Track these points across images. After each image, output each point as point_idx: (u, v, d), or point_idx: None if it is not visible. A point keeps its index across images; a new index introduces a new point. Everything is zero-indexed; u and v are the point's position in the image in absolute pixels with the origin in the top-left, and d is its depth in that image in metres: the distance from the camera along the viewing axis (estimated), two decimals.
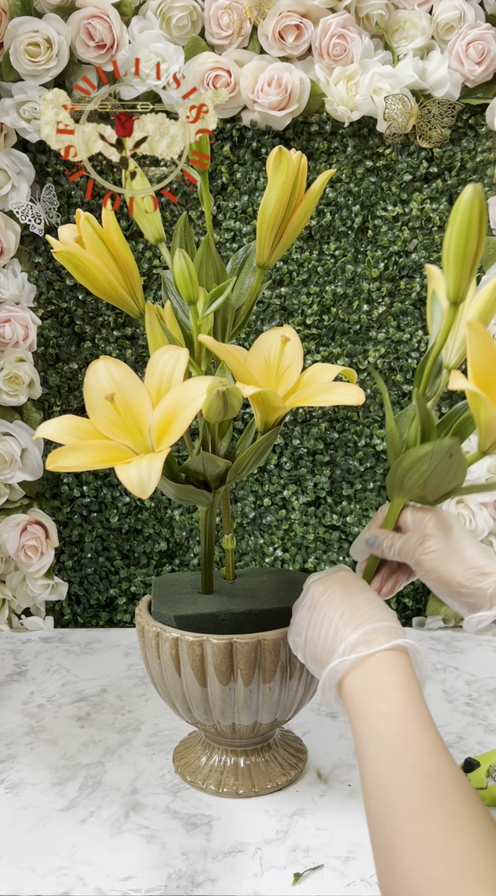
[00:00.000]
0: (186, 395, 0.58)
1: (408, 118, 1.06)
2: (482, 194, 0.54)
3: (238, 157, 1.10)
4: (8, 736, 0.85)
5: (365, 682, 0.51)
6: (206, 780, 0.74)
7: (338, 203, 1.11)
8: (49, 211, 1.08)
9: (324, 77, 1.06)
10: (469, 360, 0.54)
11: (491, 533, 1.12)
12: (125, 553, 1.17)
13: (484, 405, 0.54)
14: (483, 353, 0.53)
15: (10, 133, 1.07)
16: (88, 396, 0.61)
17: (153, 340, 0.67)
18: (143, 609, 0.74)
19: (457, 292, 0.57)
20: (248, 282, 0.73)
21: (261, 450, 0.65)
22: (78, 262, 0.65)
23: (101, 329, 1.14)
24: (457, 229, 0.55)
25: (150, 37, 1.05)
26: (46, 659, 1.05)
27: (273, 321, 1.13)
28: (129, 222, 1.11)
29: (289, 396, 0.63)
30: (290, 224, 0.67)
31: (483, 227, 0.54)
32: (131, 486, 0.52)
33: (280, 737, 0.79)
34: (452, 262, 0.56)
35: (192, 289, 0.62)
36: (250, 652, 0.66)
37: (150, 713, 0.89)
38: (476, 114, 1.09)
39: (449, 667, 1.01)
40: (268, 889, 0.61)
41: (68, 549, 1.17)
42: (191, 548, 1.17)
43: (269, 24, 1.04)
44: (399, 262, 1.12)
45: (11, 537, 1.10)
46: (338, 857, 0.64)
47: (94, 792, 0.74)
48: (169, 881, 0.61)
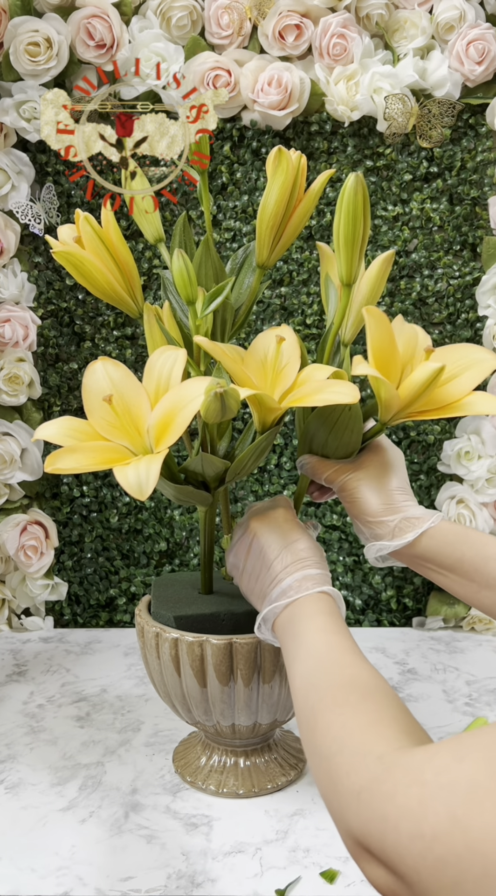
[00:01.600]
0: (184, 395, 0.57)
1: (409, 118, 1.06)
2: (363, 182, 0.58)
3: (238, 157, 1.10)
4: (8, 736, 0.85)
5: (295, 612, 0.57)
6: (206, 781, 0.74)
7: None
8: (49, 211, 1.08)
9: (324, 77, 1.06)
10: (369, 344, 0.58)
11: (491, 533, 1.11)
12: (125, 553, 1.17)
13: (384, 386, 0.58)
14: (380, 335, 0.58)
15: (10, 133, 1.07)
16: (87, 397, 0.61)
17: (152, 341, 0.67)
18: (142, 609, 0.74)
19: (349, 275, 0.61)
20: (247, 282, 0.73)
21: (260, 450, 0.65)
22: (77, 263, 0.65)
23: (101, 329, 1.14)
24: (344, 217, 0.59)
25: (149, 36, 1.05)
26: (46, 659, 1.05)
27: (273, 321, 1.13)
28: (128, 222, 1.11)
29: (285, 396, 0.63)
30: (290, 224, 0.67)
31: (367, 212, 0.58)
32: (129, 487, 0.52)
33: (280, 737, 0.79)
34: (342, 248, 0.60)
35: (191, 289, 0.62)
36: (250, 652, 0.66)
37: (150, 713, 0.89)
38: (476, 113, 1.09)
39: (449, 667, 1.01)
40: (268, 889, 0.61)
41: (68, 549, 1.17)
42: (191, 548, 1.17)
43: (269, 24, 1.04)
44: (399, 262, 1.12)
45: (11, 537, 1.10)
46: (338, 857, 0.64)
47: (93, 792, 0.74)
48: (169, 881, 0.61)
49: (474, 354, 0.62)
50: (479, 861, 0.31)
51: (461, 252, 1.12)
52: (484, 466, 1.09)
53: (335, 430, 0.64)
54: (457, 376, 0.61)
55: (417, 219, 1.11)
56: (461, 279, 1.11)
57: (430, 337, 1.11)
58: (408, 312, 1.12)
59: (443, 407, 0.61)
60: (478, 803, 0.32)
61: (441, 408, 0.61)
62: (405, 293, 1.12)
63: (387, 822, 0.35)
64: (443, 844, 0.32)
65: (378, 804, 0.37)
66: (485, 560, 0.60)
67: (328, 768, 0.42)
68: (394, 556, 0.65)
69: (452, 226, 1.11)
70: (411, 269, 1.12)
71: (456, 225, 1.10)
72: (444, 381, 0.61)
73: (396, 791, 0.36)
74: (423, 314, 1.13)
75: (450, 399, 0.61)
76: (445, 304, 1.12)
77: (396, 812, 0.35)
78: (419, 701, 0.91)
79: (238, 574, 0.65)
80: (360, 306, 0.65)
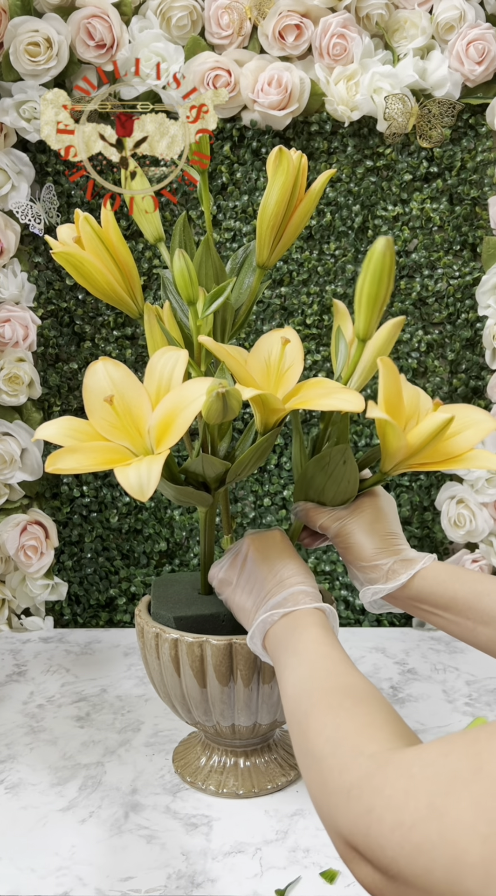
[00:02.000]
0: (186, 396, 0.57)
1: (409, 118, 1.06)
2: (392, 247, 0.59)
3: (238, 157, 1.10)
4: (8, 736, 0.85)
5: (289, 624, 0.58)
6: (206, 781, 0.74)
7: (338, 203, 1.11)
8: (49, 211, 1.08)
9: (324, 77, 1.06)
10: (380, 392, 0.60)
11: (491, 533, 1.12)
12: (125, 553, 1.17)
13: (393, 432, 0.59)
14: (392, 385, 0.60)
15: (10, 133, 1.07)
16: (87, 398, 0.61)
17: (152, 341, 0.67)
18: (142, 610, 0.74)
19: (367, 331, 0.62)
20: (247, 282, 0.73)
21: (261, 451, 0.65)
22: (77, 263, 0.65)
23: (101, 329, 1.14)
24: (369, 277, 0.60)
25: (150, 36, 1.05)
26: (46, 659, 1.05)
27: (273, 321, 1.13)
28: (128, 222, 1.10)
29: (289, 398, 0.63)
30: (291, 224, 0.67)
31: (392, 274, 0.60)
32: (130, 488, 0.52)
33: (280, 737, 0.79)
34: (364, 306, 0.61)
35: (192, 289, 0.62)
36: (250, 653, 0.66)
37: (150, 713, 0.89)
38: (476, 113, 1.09)
39: (449, 667, 1.01)
40: (268, 889, 0.61)
41: (68, 549, 1.17)
42: (191, 548, 1.17)
43: (269, 24, 1.04)
44: (399, 262, 1.12)
45: (11, 537, 1.10)
46: (337, 857, 0.64)
47: (93, 792, 0.74)
48: (169, 881, 0.61)
49: (474, 415, 0.65)
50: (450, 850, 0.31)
51: (461, 252, 1.12)
52: None
53: (333, 478, 0.65)
54: (459, 433, 0.64)
55: (417, 219, 1.11)
56: (461, 279, 1.11)
57: (430, 336, 1.11)
58: (408, 312, 1.12)
59: (445, 460, 0.63)
60: (456, 794, 0.32)
61: (442, 461, 0.63)
62: (405, 293, 1.12)
63: (373, 813, 0.36)
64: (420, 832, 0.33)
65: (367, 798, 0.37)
66: (477, 596, 0.61)
67: (320, 769, 0.43)
68: (390, 601, 0.66)
69: (452, 226, 1.11)
70: (411, 269, 1.12)
71: (456, 225, 1.10)
72: (448, 436, 0.63)
73: (385, 784, 0.37)
74: (423, 314, 1.13)
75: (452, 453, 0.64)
76: (445, 304, 1.12)
77: (382, 803, 0.36)
78: (419, 701, 0.91)
79: (230, 589, 0.66)
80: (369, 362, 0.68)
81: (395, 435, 0.59)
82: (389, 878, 0.36)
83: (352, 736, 0.43)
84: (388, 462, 0.63)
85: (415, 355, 1.13)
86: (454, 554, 1.15)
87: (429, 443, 0.60)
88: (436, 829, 0.32)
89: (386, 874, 0.36)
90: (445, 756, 0.34)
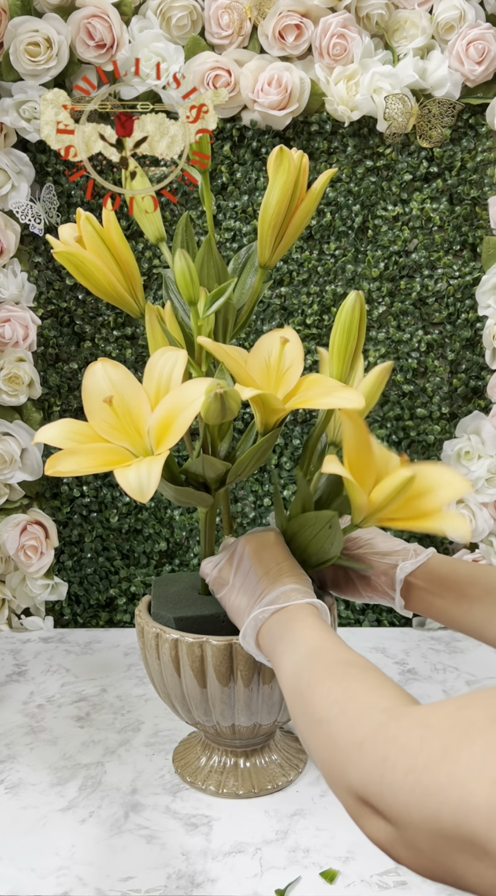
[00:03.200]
0: (185, 397, 0.57)
1: (409, 118, 1.06)
2: (362, 301, 0.62)
3: (238, 157, 1.10)
4: (8, 736, 0.85)
5: (283, 617, 0.59)
6: (206, 781, 0.74)
7: (338, 203, 1.11)
8: (49, 211, 1.08)
9: (324, 77, 1.06)
10: (344, 447, 0.60)
11: (491, 533, 1.12)
12: (125, 553, 1.17)
13: (354, 490, 0.59)
14: (356, 440, 0.59)
15: (10, 133, 1.07)
16: (87, 399, 0.61)
17: (153, 341, 0.67)
18: (142, 610, 0.74)
19: (340, 378, 0.64)
20: (249, 282, 0.73)
21: (261, 451, 0.65)
22: (78, 262, 0.65)
23: (101, 329, 1.14)
24: (339, 329, 0.63)
25: (149, 36, 1.05)
26: (46, 659, 1.05)
27: (273, 321, 1.13)
28: (129, 222, 1.10)
29: (289, 398, 0.63)
30: (292, 224, 0.67)
31: (362, 326, 0.63)
32: (130, 489, 0.52)
33: (280, 737, 0.79)
34: (336, 356, 0.64)
35: (193, 289, 0.62)
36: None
37: (150, 713, 0.89)
38: (476, 113, 1.09)
39: (449, 667, 1.01)
40: (268, 889, 0.61)
41: (68, 549, 1.17)
42: (191, 548, 1.17)
43: (269, 24, 1.04)
44: (399, 262, 1.12)
45: (11, 537, 1.10)
46: (338, 857, 0.64)
47: (93, 792, 0.74)
48: (169, 881, 0.62)
49: (446, 476, 0.64)
50: (458, 790, 0.32)
51: (461, 252, 1.12)
52: (484, 466, 1.09)
53: (317, 538, 0.66)
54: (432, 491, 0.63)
55: (417, 219, 1.11)
56: (461, 279, 1.11)
57: (430, 336, 1.11)
58: (408, 312, 1.12)
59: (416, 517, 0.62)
60: (471, 739, 0.33)
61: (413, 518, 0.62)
62: (405, 293, 1.12)
63: (387, 761, 0.37)
64: (431, 774, 0.34)
65: (380, 747, 0.38)
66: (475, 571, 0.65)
67: (328, 731, 0.44)
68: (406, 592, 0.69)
69: (452, 226, 1.11)
70: (411, 269, 1.12)
71: (456, 225, 1.10)
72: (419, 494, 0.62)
73: (400, 733, 0.38)
74: (423, 314, 1.13)
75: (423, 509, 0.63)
76: (445, 304, 1.12)
77: (397, 750, 0.37)
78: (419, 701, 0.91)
79: (226, 589, 0.66)
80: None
81: (355, 491, 0.60)
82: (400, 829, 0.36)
83: (362, 694, 0.44)
84: (357, 516, 0.64)
85: (415, 355, 1.13)
86: (454, 554, 1.15)
87: (393, 499, 0.60)
88: (447, 772, 0.33)
89: (397, 824, 0.36)
90: (463, 709, 0.35)
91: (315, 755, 0.45)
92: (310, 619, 0.57)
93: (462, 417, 1.13)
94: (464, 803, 0.32)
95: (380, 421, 1.14)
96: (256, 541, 0.66)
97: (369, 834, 0.39)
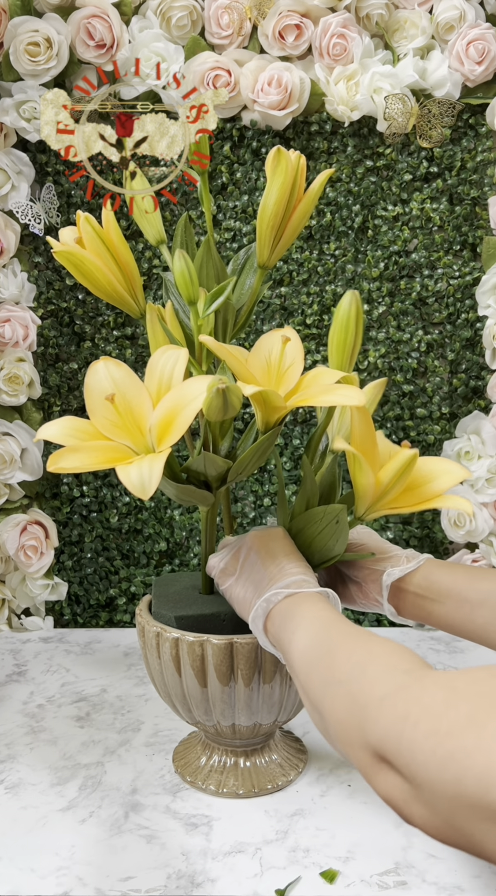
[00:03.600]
0: (186, 394, 0.57)
1: (409, 118, 1.06)
2: (358, 300, 0.64)
3: (238, 157, 1.10)
4: (8, 736, 0.85)
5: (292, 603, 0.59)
6: (206, 781, 0.74)
7: (338, 203, 1.11)
8: (49, 211, 1.08)
9: (324, 77, 1.06)
10: (352, 434, 0.63)
11: (491, 533, 1.12)
12: (125, 553, 1.17)
13: (360, 466, 0.61)
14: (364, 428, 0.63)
15: (10, 133, 1.07)
16: (88, 397, 0.61)
17: (154, 340, 0.67)
18: (143, 609, 0.74)
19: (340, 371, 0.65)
20: (248, 282, 0.73)
21: (262, 450, 0.65)
22: (78, 262, 0.65)
23: (101, 329, 1.14)
24: (337, 328, 0.65)
25: (149, 36, 1.05)
26: (46, 659, 1.05)
27: (273, 321, 1.13)
28: (128, 222, 1.10)
29: (290, 396, 0.63)
30: (290, 224, 0.67)
31: (359, 324, 0.65)
32: (132, 486, 0.52)
33: (280, 737, 0.79)
34: (334, 353, 0.66)
35: (193, 289, 0.62)
36: (250, 652, 0.66)
37: (150, 713, 0.89)
38: (476, 113, 1.09)
39: (449, 667, 1.01)
40: (268, 889, 0.61)
41: (68, 549, 1.17)
42: (191, 548, 1.17)
43: (269, 24, 1.04)
44: (399, 262, 1.12)
45: (11, 537, 1.10)
46: (338, 857, 0.64)
47: (93, 792, 0.74)
48: (169, 881, 0.61)
49: (444, 465, 0.67)
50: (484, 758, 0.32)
51: (461, 252, 1.12)
52: (484, 466, 1.09)
53: (322, 535, 0.66)
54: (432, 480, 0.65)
55: (417, 219, 1.11)
56: (461, 279, 1.11)
57: (430, 336, 1.12)
58: (408, 312, 1.12)
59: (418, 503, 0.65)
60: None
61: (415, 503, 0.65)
62: (405, 293, 1.12)
63: (408, 720, 0.37)
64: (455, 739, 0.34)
65: (402, 705, 0.38)
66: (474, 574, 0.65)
67: (348, 689, 0.44)
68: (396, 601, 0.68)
69: (452, 226, 1.11)
70: (411, 269, 1.12)
71: (456, 225, 1.10)
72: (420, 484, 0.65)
73: (424, 694, 0.37)
74: (423, 314, 1.13)
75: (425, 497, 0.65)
76: (445, 304, 1.12)
77: (419, 711, 0.37)
78: None
79: (231, 580, 0.66)
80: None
81: (362, 470, 0.60)
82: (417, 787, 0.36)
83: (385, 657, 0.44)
84: (361, 505, 0.64)
85: (415, 355, 1.13)
86: (454, 554, 1.15)
87: (399, 479, 0.61)
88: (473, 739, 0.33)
89: (413, 782, 0.36)
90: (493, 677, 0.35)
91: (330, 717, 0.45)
92: (321, 603, 0.57)
93: (462, 417, 1.13)
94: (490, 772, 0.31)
95: (380, 421, 1.14)
96: (265, 535, 0.67)
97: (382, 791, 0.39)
